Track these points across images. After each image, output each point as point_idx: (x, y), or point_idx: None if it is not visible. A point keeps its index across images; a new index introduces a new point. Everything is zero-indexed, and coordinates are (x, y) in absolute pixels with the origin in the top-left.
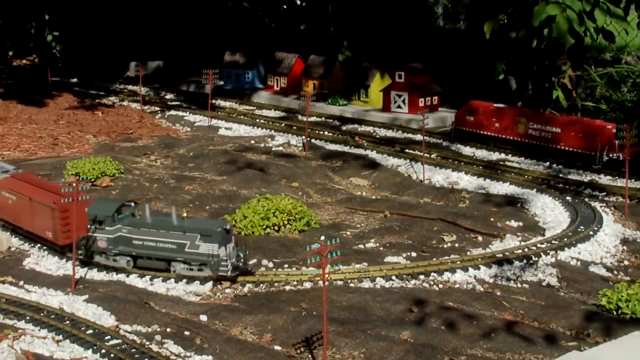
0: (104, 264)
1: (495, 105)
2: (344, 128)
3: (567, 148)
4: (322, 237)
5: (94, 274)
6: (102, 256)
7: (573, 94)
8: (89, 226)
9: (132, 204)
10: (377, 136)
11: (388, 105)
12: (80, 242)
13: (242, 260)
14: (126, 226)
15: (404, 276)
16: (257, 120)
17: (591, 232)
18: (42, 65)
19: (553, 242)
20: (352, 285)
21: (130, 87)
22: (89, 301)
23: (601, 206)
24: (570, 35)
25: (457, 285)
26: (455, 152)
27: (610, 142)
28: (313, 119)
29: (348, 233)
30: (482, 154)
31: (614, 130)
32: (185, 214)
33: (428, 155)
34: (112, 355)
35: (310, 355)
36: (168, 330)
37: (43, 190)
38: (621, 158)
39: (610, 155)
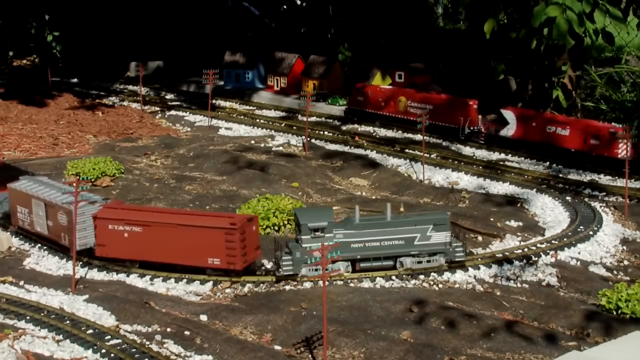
0: (311, 277)
1: (381, 86)
2: (344, 128)
3: (437, 123)
4: None
5: (94, 274)
6: (311, 268)
7: (573, 94)
8: (303, 237)
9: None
10: (377, 136)
11: None
12: (286, 257)
13: None
14: (340, 231)
15: (404, 276)
16: (257, 120)
17: (591, 232)
18: (42, 66)
19: (553, 242)
20: (352, 285)
21: (130, 87)
22: (89, 301)
23: (601, 206)
24: (570, 36)
25: (457, 285)
26: (455, 152)
27: (472, 116)
28: (313, 119)
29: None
30: (482, 153)
31: (475, 106)
32: (402, 209)
33: (428, 155)
34: (112, 355)
35: (310, 355)
36: (168, 330)
37: (191, 215)
38: (483, 130)
39: (472, 128)
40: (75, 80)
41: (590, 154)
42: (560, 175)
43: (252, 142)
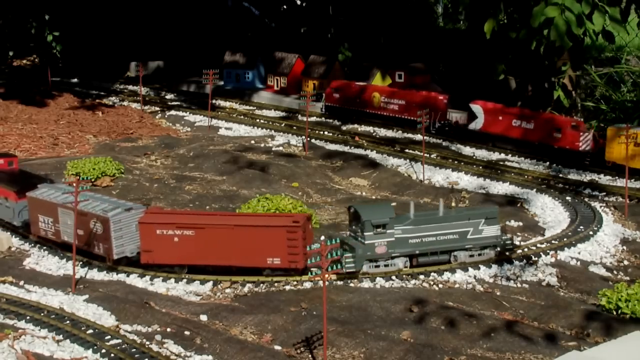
0: (372, 273)
1: (356, 83)
2: (344, 128)
3: (409, 117)
4: (322, 237)
5: (94, 274)
6: (371, 264)
7: (573, 94)
8: (366, 233)
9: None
10: (377, 136)
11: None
12: (348, 254)
13: None
14: (399, 227)
15: (404, 276)
16: (257, 120)
17: (591, 232)
18: (42, 66)
19: (553, 242)
20: (352, 285)
21: (130, 87)
22: (89, 301)
23: (601, 206)
24: (569, 37)
25: (457, 285)
26: (455, 152)
27: (442, 111)
28: (313, 118)
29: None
30: (482, 153)
31: (446, 101)
32: (453, 204)
33: (428, 155)
34: (112, 355)
35: (310, 355)
36: (168, 330)
37: (246, 216)
38: (453, 123)
39: (442, 121)
40: (75, 80)
41: (553, 147)
42: (560, 175)
43: (252, 142)
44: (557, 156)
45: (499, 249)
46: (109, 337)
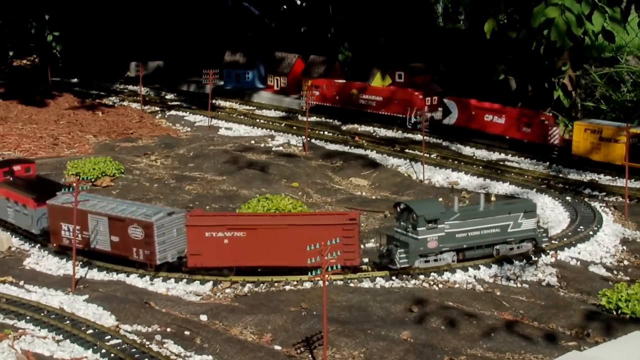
0: (423, 268)
1: (335, 80)
2: (344, 128)
3: (386, 113)
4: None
5: (94, 274)
6: (421, 259)
7: (573, 94)
8: (419, 228)
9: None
10: (377, 136)
11: None
12: (402, 250)
13: None
14: (447, 221)
15: (404, 276)
16: (257, 120)
17: (591, 232)
18: (42, 66)
19: (553, 242)
20: (352, 285)
21: (130, 87)
22: (89, 301)
23: (601, 206)
24: (569, 37)
25: (457, 285)
26: (455, 152)
27: (417, 106)
28: (313, 118)
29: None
30: (482, 153)
31: (421, 97)
32: (493, 198)
33: (428, 155)
34: (112, 355)
35: (310, 355)
36: (168, 330)
37: (298, 215)
38: (428, 118)
39: (417, 117)
40: (75, 80)
41: (522, 140)
42: (560, 175)
43: (252, 142)
44: (528, 150)
45: (535, 241)
46: (109, 337)
